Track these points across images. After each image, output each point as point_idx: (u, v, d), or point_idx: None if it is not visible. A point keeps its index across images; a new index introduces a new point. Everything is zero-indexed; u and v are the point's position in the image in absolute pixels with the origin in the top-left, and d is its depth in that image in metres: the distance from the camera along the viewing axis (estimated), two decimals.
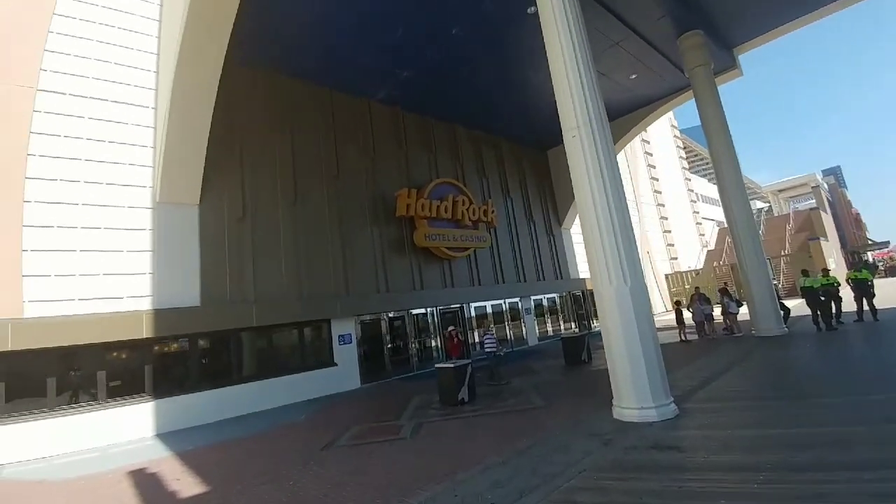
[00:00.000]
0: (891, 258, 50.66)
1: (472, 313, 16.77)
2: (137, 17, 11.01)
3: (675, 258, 34.61)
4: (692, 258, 37.39)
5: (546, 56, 7.41)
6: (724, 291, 14.32)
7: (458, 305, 16.24)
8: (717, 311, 14.83)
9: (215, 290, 10.65)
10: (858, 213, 62.27)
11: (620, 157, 30.48)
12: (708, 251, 38.91)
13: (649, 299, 6.57)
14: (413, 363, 14.35)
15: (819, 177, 51.90)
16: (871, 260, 50.25)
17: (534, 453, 5.10)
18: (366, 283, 13.58)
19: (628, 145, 29.19)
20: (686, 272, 31.59)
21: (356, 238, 13.67)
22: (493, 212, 17.41)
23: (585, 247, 6.94)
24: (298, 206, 12.60)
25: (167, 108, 9.35)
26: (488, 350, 10.70)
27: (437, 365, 9.03)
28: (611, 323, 6.34)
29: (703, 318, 13.92)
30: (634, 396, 6.00)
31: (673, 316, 14.84)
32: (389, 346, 14.04)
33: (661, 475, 4.14)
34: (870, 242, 53.43)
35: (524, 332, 18.54)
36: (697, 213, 41.87)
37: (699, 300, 14.05)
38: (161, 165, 9.88)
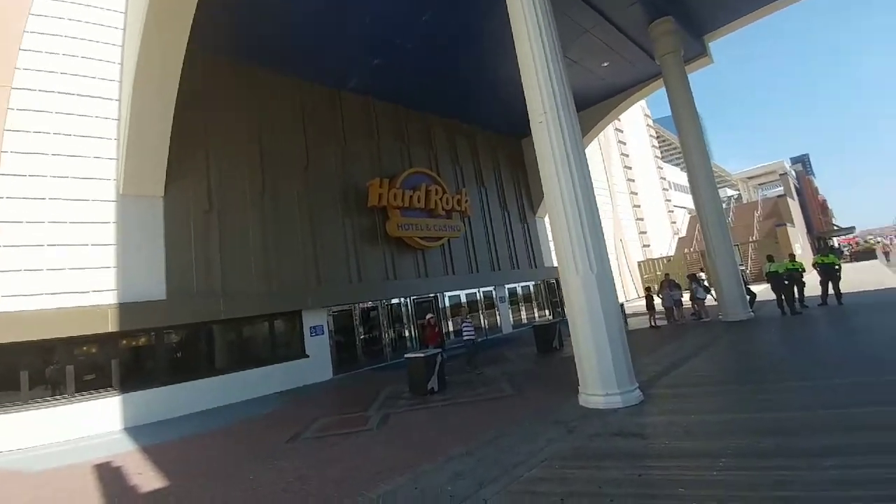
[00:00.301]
0: (856, 243, 52.70)
1: (447, 303, 16.74)
2: (104, 10, 10.74)
3: (648, 245, 35.29)
4: (664, 245, 38.19)
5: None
6: (692, 277, 14.63)
7: (432, 295, 16.17)
8: (686, 297, 15.15)
9: (181, 284, 10.48)
10: (825, 200, 64.20)
11: (594, 146, 30.73)
12: (679, 238, 39.83)
13: (615, 287, 6.58)
14: (387, 353, 14.26)
15: (787, 164, 53.27)
16: (836, 245, 52.12)
17: (499, 443, 5.05)
18: (338, 273, 13.39)
19: (602, 134, 29.42)
20: (658, 259, 32.24)
21: (327, 229, 13.45)
22: (466, 201, 17.30)
23: (552, 234, 6.90)
24: (267, 197, 12.34)
25: (129, 98, 9.15)
26: (466, 338, 10.72)
27: (406, 355, 8.95)
28: (577, 311, 6.33)
29: (673, 304, 14.19)
30: (600, 383, 6.02)
31: (644, 302, 15.10)
32: (362, 336, 13.91)
33: (622, 463, 4.13)
34: (836, 228, 55.18)
35: (498, 321, 18.63)
36: (669, 200, 42.72)
37: (669, 286, 14.30)
38: (124, 157, 9.70)
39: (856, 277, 18.92)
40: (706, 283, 15.20)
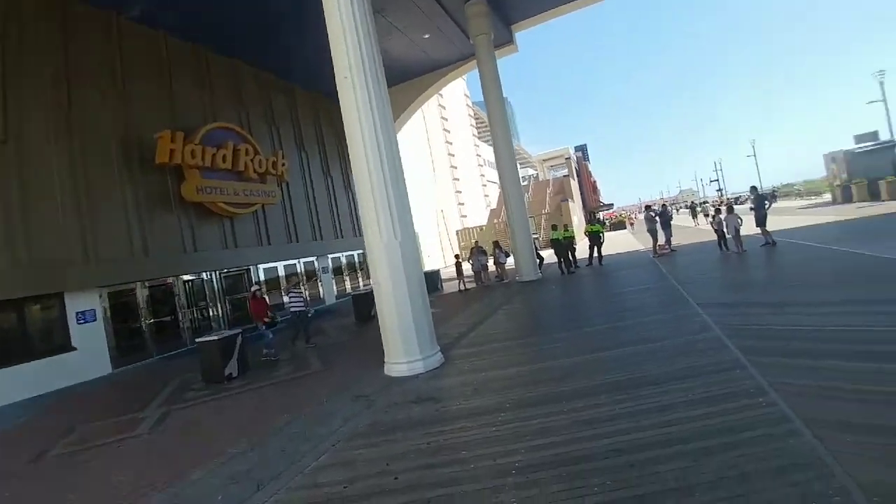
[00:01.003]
0: (613, 216, 66.68)
1: (262, 276, 15.32)
2: None
3: (465, 216, 38.37)
4: (479, 216, 42.00)
5: None
6: (496, 244, 16.42)
7: (244, 268, 14.58)
8: (491, 262, 16.91)
9: None
10: (595, 182, 79.23)
11: (419, 121, 31.40)
12: (491, 210, 44.24)
13: (419, 254, 6.74)
14: (185, 337, 12.36)
15: (571, 151, 63.68)
16: (601, 218, 65.25)
17: (290, 430, 4.67)
18: (115, 245, 10.84)
19: (426, 111, 30.23)
20: (473, 228, 35.37)
21: (100, 188, 10.64)
22: (283, 164, 15.77)
23: (358, 199, 6.67)
24: (9, 143, 9.11)
25: None
26: (294, 310, 9.84)
27: (198, 339, 7.81)
28: (381, 277, 6.26)
29: (480, 268, 15.73)
30: (403, 350, 6.11)
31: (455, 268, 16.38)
32: (151, 320, 11.72)
33: (413, 432, 4.17)
34: (601, 204, 68.93)
35: (321, 292, 17.96)
36: (484, 175, 46.94)
37: (477, 252, 15.81)
38: None
39: (612, 243, 23.74)
40: (508, 249, 17.23)
